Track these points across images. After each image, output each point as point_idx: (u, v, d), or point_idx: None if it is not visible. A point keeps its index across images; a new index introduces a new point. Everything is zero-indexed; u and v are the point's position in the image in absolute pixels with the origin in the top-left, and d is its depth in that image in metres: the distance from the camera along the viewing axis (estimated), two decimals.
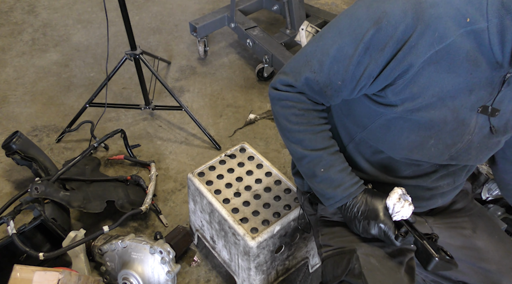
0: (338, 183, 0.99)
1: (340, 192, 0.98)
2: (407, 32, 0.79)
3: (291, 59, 0.98)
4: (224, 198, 1.43)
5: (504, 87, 0.86)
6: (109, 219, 1.83)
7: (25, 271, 1.27)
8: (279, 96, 0.98)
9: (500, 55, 0.80)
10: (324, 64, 0.89)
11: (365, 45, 0.83)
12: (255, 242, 1.30)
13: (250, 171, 1.53)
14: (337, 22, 0.90)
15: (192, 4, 3.20)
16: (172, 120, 2.32)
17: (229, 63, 2.71)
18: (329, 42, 0.89)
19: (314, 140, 0.99)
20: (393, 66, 0.83)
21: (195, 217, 1.62)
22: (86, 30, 2.94)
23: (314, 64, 0.91)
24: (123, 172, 2.05)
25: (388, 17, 0.80)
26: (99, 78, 2.56)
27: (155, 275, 1.49)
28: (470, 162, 1.01)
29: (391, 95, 0.87)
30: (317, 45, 0.92)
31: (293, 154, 1.04)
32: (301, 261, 1.58)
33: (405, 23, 0.79)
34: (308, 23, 2.19)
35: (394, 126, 0.92)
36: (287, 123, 0.99)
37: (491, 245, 1.11)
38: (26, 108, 2.36)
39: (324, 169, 0.99)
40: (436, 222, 1.12)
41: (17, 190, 1.96)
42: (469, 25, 0.79)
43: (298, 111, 0.97)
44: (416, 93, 0.85)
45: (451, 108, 0.87)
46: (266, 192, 1.46)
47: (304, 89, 0.95)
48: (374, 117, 0.95)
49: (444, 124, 0.89)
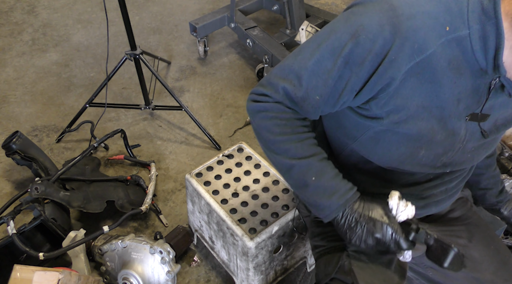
0: (332, 191, 0.92)
1: (336, 199, 0.91)
2: (386, 46, 0.78)
3: (268, 73, 0.95)
4: (222, 198, 1.43)
5: (492, 94, 0.85)
6: (109, 219, 1.83)
7: (25, 271, 1.27)
8: (258, 108, 0.94)
9: (484, 61, 0.80)
10: (302, 78, 0.87)
11: (344, 59, 0.82)
12: (254, 242, 1.30)
13: (248, 171, 1.53)
14: (317, 36, 0.89)
15: (192, 4, 3.20)
16: (172, 120, 2.32)
17: (229, 63, 2.71)
18: (308, 55, 0.87)
19: (301, 148, 0.94)
20: (375, 80, 0.81)
21: (194, 217, 1.62)
22: (86, 30, 2.94)
23: (292, 78, 0.88)
24: (123, 172, 2.05)
25: (365, 31, 0.79)
26: (99, 78, 2.56)
27: (155, 275, 1.49)
28: (465, 165, 0.99)
29: (375, 108, 0.86)
30: (295, 58, 0.89)
31: (280, 166, 0.98)
32: (299, 261, 1.58)
33: (383, 37, 0.78)
34: (308, 23, 2.18)
35: (383, 139, 0.91)
36: (270, 135, 0.94)
37: (487, 256, 1.10)
38: (26, 108, 2.36)
39: (315, 176, 0.93)
40: (431, 229, 1.11)
41: (17, 190, 1.96)
42: (449, 33, 0.78)
43: (280, 121, 0.92)
44: (400, 105, 0.83)
45: (438, 119, 0.85)
46: (264, 192, 1.46)
47: (283, 99, 0.91)
48: (362, 129, 0.93)
49: (433, 135, 0.87)
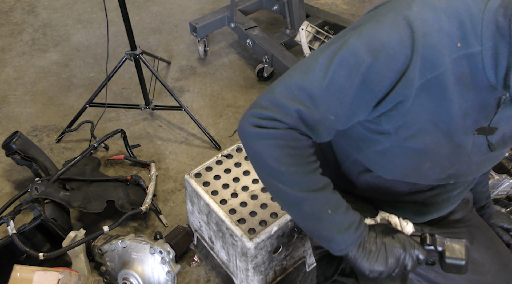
0: (348, 223, 0.86)
1: (352, 232, 0.86)
2: (405, 64, 0.76)
3: (265, 92, 0.86)
4: (221, 198, 1.43)
5: (501, 109, 0.84)
6: (109, 219, 1.83)
7: (25, 271, 1.27)
8: (263, 135, 0.83)
9: (494, 79, 0.79)
10: (317, 98, 0.80)
11: (362, 77, 0.77)
12: (253, 243, 1.30)
13: (247, 171, 1.53)
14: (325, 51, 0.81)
15: (192, 4, 3.20)
16: (172, 120, 2.32)
17: (229, 63, 2.71)
18: (319, 73, 0.80)
19: (315, 180, 0.87)
20: (391, 98, 0.79)
21: (193, 217, 1.62)
22: (86, 30, 2.94)
23: (305, 98, 0.80)
24: (123, 172, 2.05)
25: (385, 48, 0.75)
26: (99, 78, 2.56)
27: (155, 275, 1.49)
28: (470, 177, 0.98)
29: (385, 123, 0.84)
30: (305, 76, 0.82)
31: (288, 199, 0.88)
32: (299, 261, 1.58)
33: (404, 54, 0.75)
34: (308, 23, 2.18)
35: (388, 152, 0.89)
36: (279, 166, 0.84)
37: (488, 258, 1.10)
38: (26, 108, 2.36)
39: (331, 209, 0.86)
40: (433, 232, 1.12)
41: (17, 190, 1.96)
42: (460, 50, 0.76)
43: (293, 150, 0.84)
44: (409, 121, 0.82)
45: (445, 133, 0.84)
46: (263, 192, 1.46)
47: (296, 124, 0.82)
48: (368, 142, 0.91)
49: (439, 149, 0.86)
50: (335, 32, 2.47)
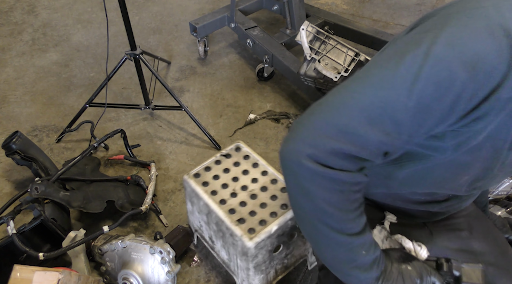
0: (373, 260, 0.82)
1: (375, 269, 0.82)
2: (499, 82, 0.65)
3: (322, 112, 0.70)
4: (221, 198, 1.43)
5: None
6: (109, 219, 1.83)
7: (25, 271, 1.27)
8: (325, 175, 0.69)
9: None
10: (400, 123, 0.67)
11: (454, 97, 0.66)
12: (253, 242, 1.30)
13: (246, 170, 1.53)
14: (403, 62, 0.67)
15: (192, 4, 3.20)
16: (172, 120, 2.32)
17: (229, 63, 2.71)
18: (402, 91, 0.66)
19: (359, 222, 0.79)
20: (471, 116, 0.68)
21: (193, 217, 1.62)
22: (86, 30, 2.94)
23: (386, 123, 0.67)
24: (123, 172, 2.05)
25: (482, 62, 0.64)
26: (99, 78, 2.56)
27: (155, 275, 1.49)
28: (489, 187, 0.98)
29: (450, 139, 0.73)
30: (380, 93, 0.67)
31: (328, 241, 0.80)
32: (300, 259, 1.58)
33: (501, 72, 0.64)
34: (308, 23, 2.18)
35: (433, 167, 0.81)
36: (333, 210, 0.74)
37: (487, 246, 1.11)
38: (26, 108, 2.36)
39: (366, 250, 0.80)
40: (434, 225, 1.12)
41: (17, 190, 1.96)
42: None
43: (353, 195, 0.73)
44: (472, 136, 0.72)
45: (496, 149, 0.76)
46: (262, 192, 1.46)
47: (375, 157, 0.70)
48: (415, 159, 0.82)
49: (483, 163, 0.81)
50: (335, 32, 2.47)
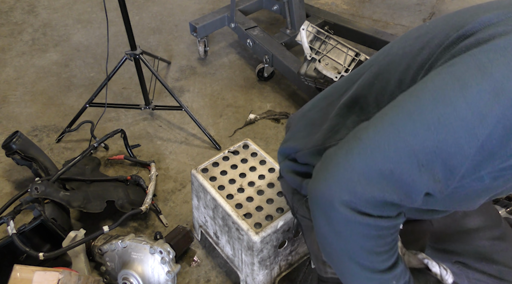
0: None
1: None
2: None
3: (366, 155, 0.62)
4: (228, 193, 1.44)
5: None
6: (109, 219, 1.83)
7: (25, 271, 1.27)
8: (363, 223, 0.65)
9: None
10: (456, 170, 0.59)
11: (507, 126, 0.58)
12: (259, 236, 1.31)
13: (253, 167, 1.54)
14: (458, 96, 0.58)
15: (192, 4, 3.20)
16: (172, 120, 2.32)
17: (229, 63, 2.71)
18: (462, 134, 0.57)
19: (394, 257, 0.76)
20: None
21: (199, 213, 1.62)
22: (86, 30, 2.94)
23: (437, 169, 0.59)
24: (123, 172, 2.05)
25: None
26: (99, 78, 2.56)
27: (155, 275, 1.49)
28: None
29: (487, 177, 0.65)
30: (436, 138, 0.58)
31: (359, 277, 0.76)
32: (304, 257, 1.59)
33: None
34: (309, 23, 2.18)
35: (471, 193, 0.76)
36: (368, 254, 0.70)
37: (481, 222, 1.10)
38: (26, 108, 2.36)
39: (397, 280, 0.77)
40: None
41: (17, 190, 1.96)
42: None
43: (390, 236, 0.69)
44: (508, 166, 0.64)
45: None
46: (269, 188, 1.47)
47: (415, 203, 0.64)
48: None
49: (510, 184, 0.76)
50: (336, 32, 2.47)
